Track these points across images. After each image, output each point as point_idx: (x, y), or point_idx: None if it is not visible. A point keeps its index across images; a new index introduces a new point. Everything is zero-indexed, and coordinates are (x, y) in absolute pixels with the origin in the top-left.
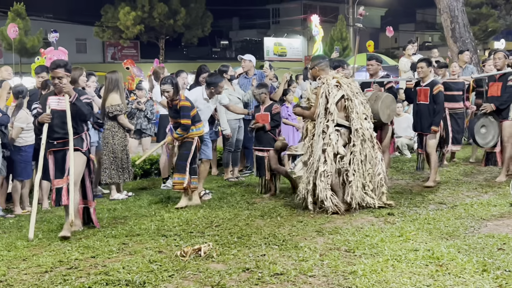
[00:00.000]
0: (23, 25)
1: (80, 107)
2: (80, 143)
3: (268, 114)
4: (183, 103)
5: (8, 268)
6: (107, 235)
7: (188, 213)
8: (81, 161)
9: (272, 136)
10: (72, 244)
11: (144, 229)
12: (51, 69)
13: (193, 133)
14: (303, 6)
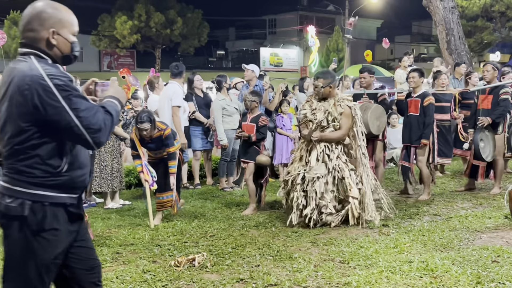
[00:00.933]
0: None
1: None
2: None
3: (254, 126)
4: (168, 131)
5: None
6: (100, 244)
7: (183, 223)
8: None
9: (257, 149)
10: None
11: (138, 239)
12: None
13: (174, 147)
14: (299, 17)
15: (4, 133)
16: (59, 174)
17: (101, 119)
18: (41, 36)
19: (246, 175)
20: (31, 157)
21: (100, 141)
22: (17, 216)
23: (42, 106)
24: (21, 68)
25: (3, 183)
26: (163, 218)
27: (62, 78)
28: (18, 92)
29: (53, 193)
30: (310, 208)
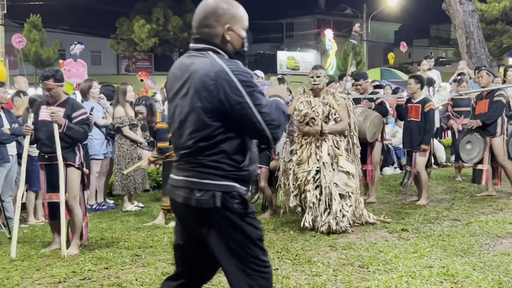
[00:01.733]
0: (39, 37)
1: (71, 135)
2: (73, 158)
3: None
4: (160, 126)
5: (22, 278)
6: (120, 246)
7: None
8: (75, 177)
9: (268, 154)
10: (85, 255)
11: (157, 241)
12: (40, 81)
13: (163, 143)
14: (316, 21)
15: (184, 128)
16: (242, 169)
17: (280, 116)
18: (216, 32)
19: (262, 181)
20: (217, 152)
21: (278, 137)
22: (210, 209)
23: (227, 101)
24: (202, 64)
25: (188, 178)
26: None
27: (245, 74)
28: (203, 87)
29: (238, 185)
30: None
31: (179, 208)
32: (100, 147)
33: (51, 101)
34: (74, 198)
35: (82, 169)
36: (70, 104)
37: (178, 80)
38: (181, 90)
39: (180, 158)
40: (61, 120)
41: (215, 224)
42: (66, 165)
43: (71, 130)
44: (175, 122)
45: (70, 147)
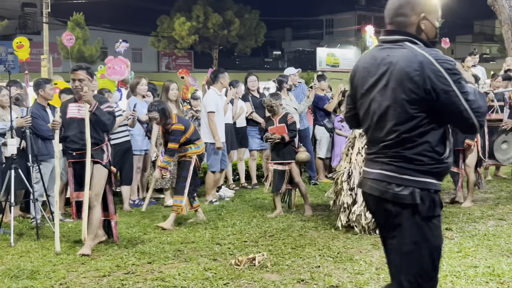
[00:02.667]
0: (82, 35)
1: (99, 116)
2: (100, 155)
3: (284, 126)
4: (175, 127)
5: (67, 272)
6: (162, 241)
7: (242, 222)
8: (102, 175)
9: (293, 148)
10: (128, 250)
11: (198, 237)
12: (72, 71)
13: (191, 151)
14: (357, 17)
15: (385, 121)
16: (442, 161)
17: (484, 103)
18: (411, 21)
19: (296, 176)
20: (420, 144)
21: (483, 125)
22: (409, 205)
23: (433, 91)
24: (402, 55)
25: (387, 171)
26: (221, 217)
27: (449, 62)
28: (407, 78)
29: (434, 181)
30: (357, 206)
31: (371, 201)
32: (141, 143)
33: (79, 97)
34: (97, 196)
35: (109, 167)
36: (97, 98)
37: (372, 74)
38: (378, 83)
39: (377, 151)
40: (92, 100)
41: (404, 220)
42: (93, 163)
43: (99, 110)
44: (373, 116)
45: (98, 143)
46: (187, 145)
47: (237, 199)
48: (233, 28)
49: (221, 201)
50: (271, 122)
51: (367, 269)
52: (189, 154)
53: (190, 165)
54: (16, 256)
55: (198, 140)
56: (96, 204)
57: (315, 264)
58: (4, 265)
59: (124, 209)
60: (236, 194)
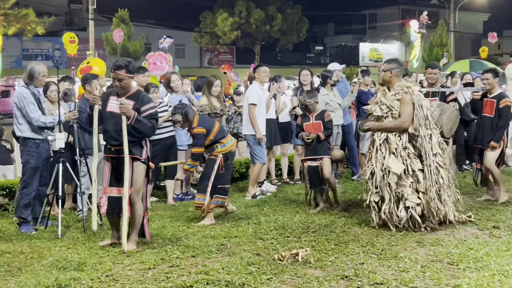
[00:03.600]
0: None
1: (139, 128)
2: (139, 151)
3: (320, 123)
4: (196, 131)
5: (113, 264)
6: (206, 235)
7: (284, 217)
8: (141, 171)
9: (328, 144)
10: (173, 243)
11: (241, 231)
12: (111, 70)
13: (217, 150)
14: (401, 11)
15: None
16: None
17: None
18: None
19: (327, 172)
20: None
21: None
22: None
23: None
24: None
25: None
26: (264, 212)
27: None
28: None
29: None
30: (385, 204)
31: None
32: (185, 137)
33: (121, 93)
34: (138, 192)
35: (148, 163)
36: (140, 97)
37: None
38: None
39: None
40: (129, 112)
41: None
42: (132, 159)
43: (139, 123)
44: None
45: (137, 140)
46: (213, 145)
47: (280, 195)
48: (275, 23)
49: (264, 196)
50: (307, 119)
51: (412, 266)
52: (215, 153)
53: (215, 164)
54: (63, 248)
55: (224, 138)
56: (137, 200)
57: (359, 261)
58: (52, 257)
59: (168, 203)
60: (278, 189)
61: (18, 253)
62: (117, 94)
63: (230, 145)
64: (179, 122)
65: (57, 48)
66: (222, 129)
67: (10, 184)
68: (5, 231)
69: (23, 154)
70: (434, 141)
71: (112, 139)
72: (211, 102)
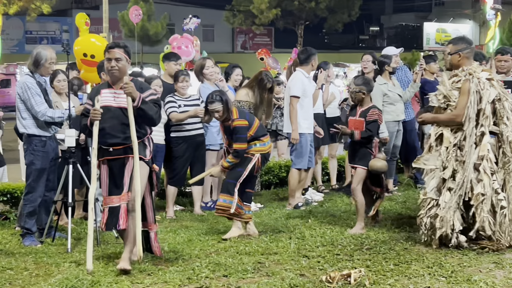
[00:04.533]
0: (146, 9)
1: (147, 111)
2: (143, 151)
3: (363, 121)
4: (237, 123)
5: (132, 283)
6: (240, 251)
7: (333, 231)
8: (144, 173)
9: (369, 151)
10: (201, 260)
11: (282, 247)
12: (107, 49)
13: (255, 148)
14: None
15: None
16: None
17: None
18: None
19: (354, 183)
20: None
21: None
22: None
23: None
24: None
25: None
26: (308, 224)
27: None
28: None
29: None
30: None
31: None
32: (217, 136)
33: (114, 80)
34: (136, 198)
35: (151, 165)
36: (137, 85)
37: None
38: None
39: None
40: (135, 92)
41: None
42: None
43: (146, 105)
44: None
45: (140, 137)
46: (251, 142)
47: (327, 204)
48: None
49: (308, 206)
50: (354, 112)
51: None
52: (252, 151)
53: (250, 163)
54: (73, 264)
55: (265, 136)
56: (136, 209)
57: (424, 285)
58: (61, 274)
59: (195, 212)
60: (325, 197)
61: (21, 270)
62: (108, 86)
63: (269, 146)
64: (217, 112)
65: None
66: (262, 126)
67: (12, 189)
68: (6, 244)
69: (27, 153)
70: (485, 141)
71: (109, 136)
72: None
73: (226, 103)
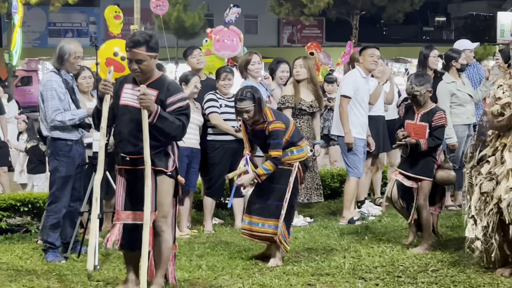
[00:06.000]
0: None
1: (163, 129)
2: (164, 161)
3: (426, 126)
4: (275, 126)
5: None
6: (287, 271)
7: (393, 250)
8: (168, 189)
9: (433, 159)
10: (243, 281)
11: (335, 267)
12: (127, 48)
13: (293, 156)
14: None
15: None
16: None
17: None
18: None
19: (421, 198)
20: None
21: None
22: None
23: None
24: None
25: None
26: (365, 242)
27: None
28: None
29: None
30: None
31: None
32: None
33: (140, 79)
34: (165, 218)
35: (176, 177)
36: (165, 85)
37: None
38: None
39: None
40: (152, 106)
41: None
42: (155, 172)
43: (163, 121)
44: None
45: (161, 146)
46: (288, 149)
47: (387, 219)
48: None
49: (364, 220)
50: (412, 115)
51: None
52: (289, 160)
53: (291, 175)
54: (102, 283)
55: (301, 140)
56: (165, 229)
57: None
58: None
59: (236, 227)
60: (384, 211)
61: None
62: (134, 81)
63: (306, 151)
64: (247, 112)
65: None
66: (298, 130)
67: (34, 199)
68: (27, 260)
69: (51, 159)
70: None
71: (127, 144)
72: (298, 93)
73: (259, 102)
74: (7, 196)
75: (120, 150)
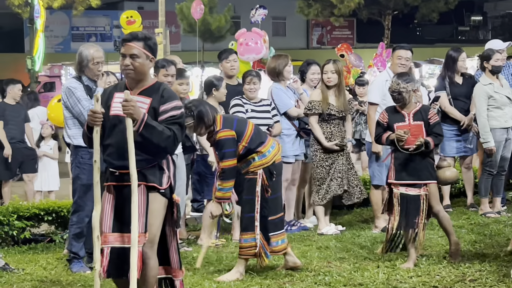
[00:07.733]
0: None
1: (150, 139)
2: (158, 177)
3: (422, 125)
4: (221, 135)
5: None
6: (318, 282)
7: (429, 259)
8: (159, 208)
9: (431, 160)
10: None
11: (367, 278)
12: (122, 42)
13: (255, 164)
14: None
15: None
16: None
17: None
18: None
19: (436, 204)
20: None
21: None
22: None
23: None
24: None
25: None
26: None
27: None
28: None
29: None
30: None
31: None
32: (291, 146)
33: (131, 83)
34: (152, 242)
35: (170, 195)
36: (159, 91)
37: None
38: None
39: None
40: (137, 113)
41: None
42: (147, 188)
43: (150, 130)
44: None
45: (154, 160)
46: (249, 156)
47: None
48: None
49: None
50: (400, 117)
51: None
52: (253, 168)
53: (257, 184)
54: None
55: (262, 145)
56: (151, 254)
57: None
58: None
59: None
60: None
61: None
62: (125, 88)
63: (273, 154)
64: (189, 128)
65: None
66: (259, 132)
67: (58, 207)
68: (52, 270)
69: (73, 167)
70: None
71: (116, 157)
72: (326, 99)
73: (198, 116)
74: (31, 205)
75: (108, 165)
